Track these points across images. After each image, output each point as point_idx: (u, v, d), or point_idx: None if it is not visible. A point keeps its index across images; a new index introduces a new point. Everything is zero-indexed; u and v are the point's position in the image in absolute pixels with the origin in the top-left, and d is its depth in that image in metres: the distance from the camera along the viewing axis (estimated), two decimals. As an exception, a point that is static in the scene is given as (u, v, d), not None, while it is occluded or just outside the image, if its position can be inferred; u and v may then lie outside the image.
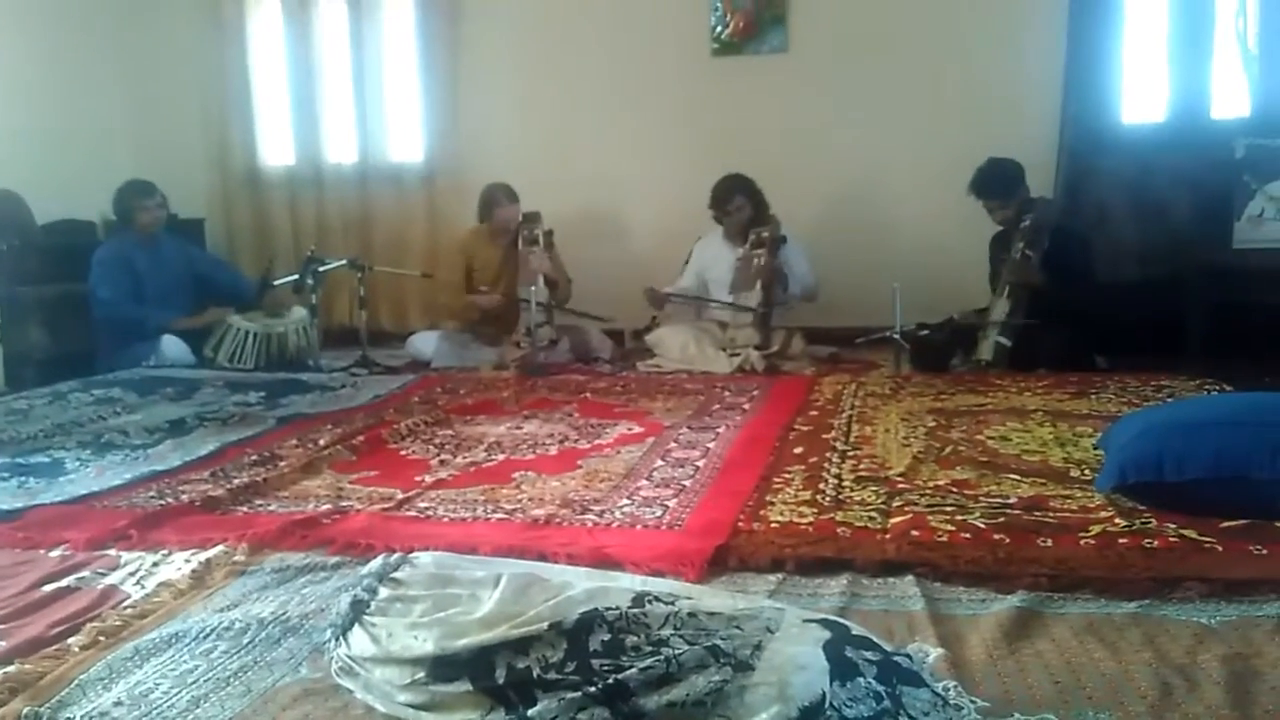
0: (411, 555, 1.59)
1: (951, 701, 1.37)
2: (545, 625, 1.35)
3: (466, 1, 5.64)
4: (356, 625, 1.47)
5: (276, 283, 4.83)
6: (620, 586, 1.46)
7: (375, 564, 1.58)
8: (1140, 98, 5.00)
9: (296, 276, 4.75)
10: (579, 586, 1.44)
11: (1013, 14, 5.05)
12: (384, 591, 1.49)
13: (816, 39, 5.30)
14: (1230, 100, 4.89)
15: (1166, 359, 3.99)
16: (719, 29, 5.39)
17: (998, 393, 3.62)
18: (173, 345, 4.59)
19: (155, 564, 2.07)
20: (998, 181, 4.33)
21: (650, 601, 1.39)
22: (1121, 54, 4.95)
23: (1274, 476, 2.12)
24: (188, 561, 2.06)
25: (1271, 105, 4.76)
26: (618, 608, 1.36)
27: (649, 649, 1.30)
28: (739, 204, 4.75)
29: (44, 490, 2.66)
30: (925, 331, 4.29)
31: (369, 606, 1.47)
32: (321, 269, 4.75)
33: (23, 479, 2.77)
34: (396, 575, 1.52)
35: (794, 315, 4.87)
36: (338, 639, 1.49)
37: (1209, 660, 1.52)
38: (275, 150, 6.07)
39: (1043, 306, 4.10)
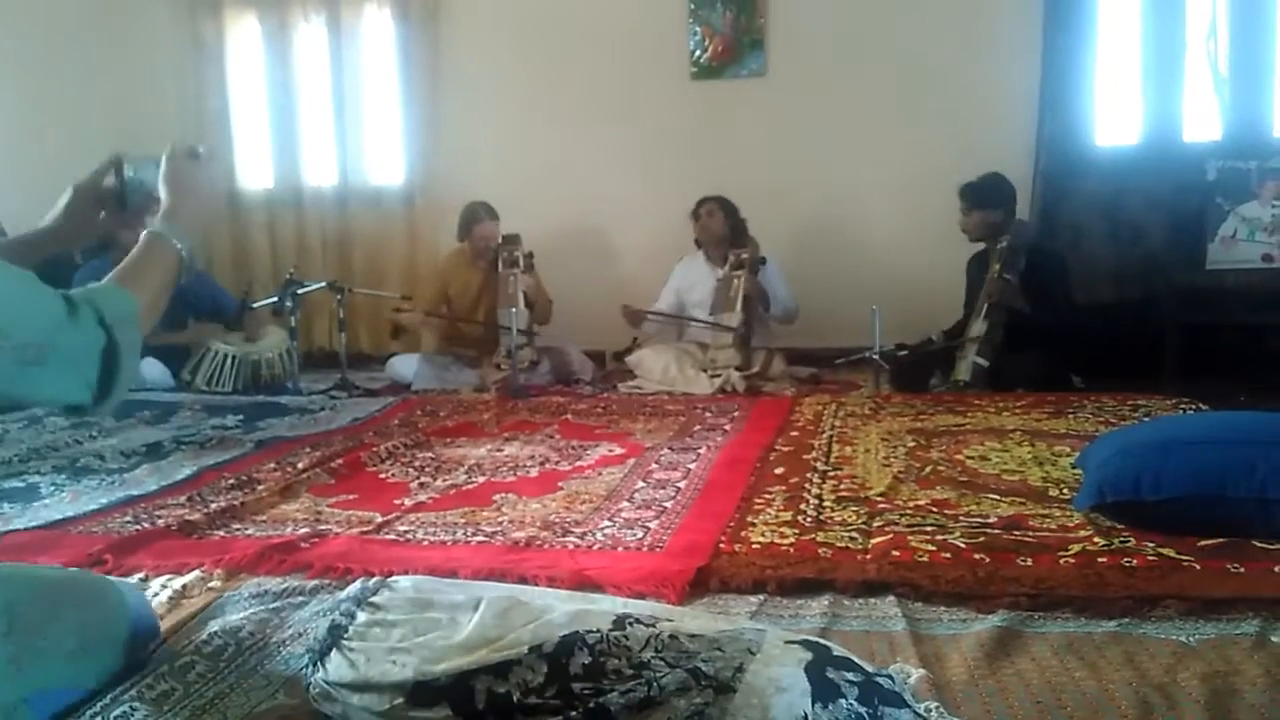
0: (390, 579, 1.58)
1: (933, 722, 1.37)
2: (525, 649, 1.34)
3: (447, 24, 5.66)
4: (334, 650, 1.45)
5: (256, 305, 4.81)
6: (601, 609, 1.45)
7: (354, 588, 1.56)
8: (1114, 121, 5.08)
9: (275, 299, 4.73)
10: (559, 609, 1.43)
11: (988, 38, 5.12)
12: (362, 616, 1.47)
13: (794, 63, 5.36)
14: (1202, 123, 4.97)
15: (1142, 379, 4.03)
16: (698, 53, 5.43)
17: (976, 413, 3.64)
18: (151, 368, 4.56)
19: (130, 590, 2.05)
20: (993, 191, 4.42)
21: (631, 624, 1.38)
22: (1095, 78, 5.03)
23: (1250, 494, 2.13)
24: (164, 587, 2.04)
25: (1242, 128, 4.84)
26: (598, 630, 1.36)
27: (630, 672, 1.29)
28: (709, 209, 4.82)
29: (18, 516, 2.62)
30: (904, 352, 4.33)
31: (347, 631, 1.46)
32: (300, 291, 4.73)
33: (-4, 504, 2.74)
34: (375, 599, 1.50)
35: (774, 336, 4.90)
36: (315, 664, 1.47)
37: (1188, 678, 1.53)
38: (254, 173, 6.05)
39: (1020, 327, 4.14)
